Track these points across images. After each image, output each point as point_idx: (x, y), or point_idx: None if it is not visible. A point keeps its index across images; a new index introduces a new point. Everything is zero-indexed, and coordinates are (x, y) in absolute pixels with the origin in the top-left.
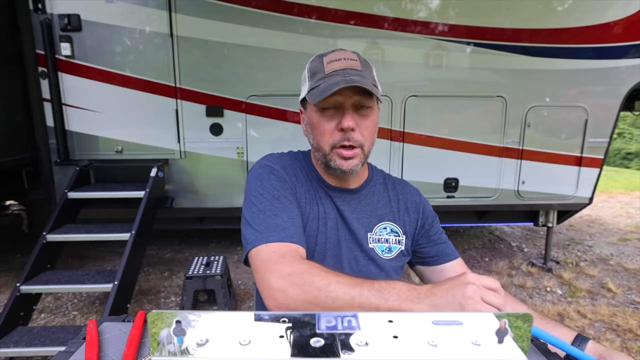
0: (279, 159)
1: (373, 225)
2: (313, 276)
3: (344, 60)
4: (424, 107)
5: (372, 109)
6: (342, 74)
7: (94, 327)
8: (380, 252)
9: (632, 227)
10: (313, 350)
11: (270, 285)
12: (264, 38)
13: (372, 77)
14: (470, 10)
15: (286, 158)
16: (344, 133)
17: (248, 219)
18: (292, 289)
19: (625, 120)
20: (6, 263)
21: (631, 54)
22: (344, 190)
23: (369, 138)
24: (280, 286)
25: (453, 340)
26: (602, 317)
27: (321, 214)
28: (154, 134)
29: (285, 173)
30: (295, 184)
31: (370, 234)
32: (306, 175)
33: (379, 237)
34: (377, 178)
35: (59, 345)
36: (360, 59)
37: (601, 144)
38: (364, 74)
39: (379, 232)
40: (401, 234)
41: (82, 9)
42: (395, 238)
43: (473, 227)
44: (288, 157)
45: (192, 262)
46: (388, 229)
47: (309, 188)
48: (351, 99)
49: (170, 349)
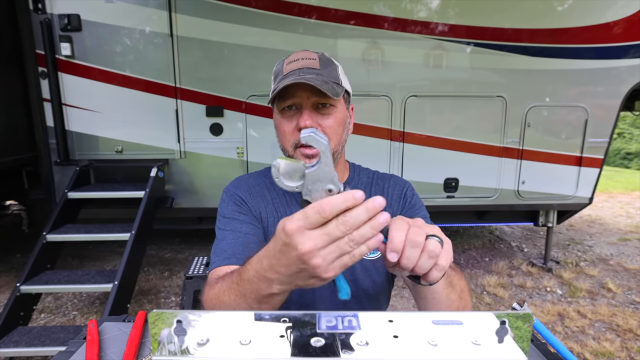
0: (245, 182)
1: None
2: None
3: (301, 60)
4: (424, 107)
5: (334, 107)
6: (297, 73)
7: (94, 327)
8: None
9: (632, 227)
10: (313, 350)
11: None
12: (264, 38)
13: (333, 75)
14: (470, 10)
15: (253, 178)
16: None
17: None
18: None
19: (625, 120)
20: (6, 263)
21: (631, 54)
22: None
23: (333, 136)
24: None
25: (453, 340)
26: (602, 317)
27: None
28: (154, 134)
29: (247, 195)
30: (259, 204)
31: None
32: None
33: None
34: (360, 177)
35: (59, 345)
36: (321, 58)
37: (601, 144)
38: (322, 72)
39: None
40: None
41: (82, 9)
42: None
43: (473, 227)
44: (256, 176)
45: (192, 262)
46: None
47: (281, 202)
48: (309, 99)
49: (170, 348)
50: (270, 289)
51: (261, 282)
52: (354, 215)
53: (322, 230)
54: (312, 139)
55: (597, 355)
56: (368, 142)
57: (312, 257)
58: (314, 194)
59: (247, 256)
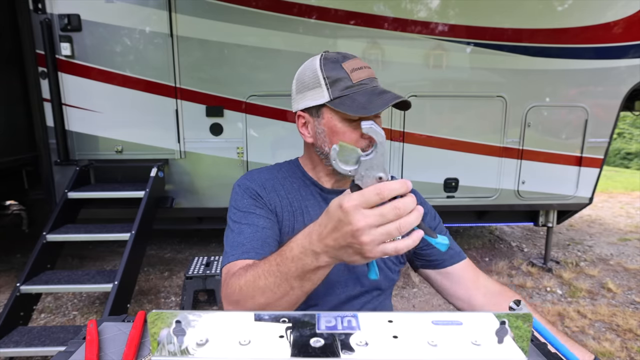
0: (258, 176)
1: None
2: (243, 288)
3: (365, 69)
4: (424, 107)
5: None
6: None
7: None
8: None
9: (632, 227)
10: (313, 350)
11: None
12: (264, 38)
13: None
14: (470, 10)
15: (266, 173)
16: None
17: (224, 238)
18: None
19: (625, 120)
20: (6, 263)
21: (631, 54)
22: (340, 191)
23: None
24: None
25: (453, 340)
26: (602, 317)
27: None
28: (154, 134)
29: (261, 189)
30: (274, 198)
31: None
32: (296, 184)
33: None
34: None
35: (59, 345)
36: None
37: (601, 144)
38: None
39: None
40: None
41: (82, 9)
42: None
43: (473, 227)
44: (268, 171)
45: (192, 262)
46: None
47: (296, 197)
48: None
49: (170, 349)
50: (317, 262)
51: (308, 257)
52: (406, 202)
53: (377, 210)
54: (373, 131)
55: (597, 355)
56: None
57: (363, 234)
58: (365, 179)
59: (266, 252)
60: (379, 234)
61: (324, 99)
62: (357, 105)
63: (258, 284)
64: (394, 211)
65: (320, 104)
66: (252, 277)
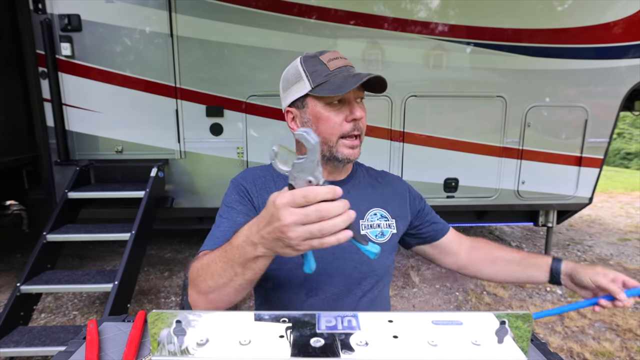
0: (251, 173)
1: (364, 212)
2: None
3: (341, 59)
4: (424, 107)
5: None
6: (347, 70)
7: (94, 327)
8: (373, 237)
9: (632, 227)
10: (313, 350)
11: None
12: (264, 38)
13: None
14: (470, 11)
15: (260, 171)
16: (354, 123)
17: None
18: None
19: (625, 120)
20: (6, 263)
21: (631, 54)
22: (333, 182)
23: (365, 128)
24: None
25: (453, 340)
26: (602, 317)
27: None
28: (154, 134)
29: (252, 186)
30: (264, 195)
31: (362, 220)
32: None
33: (371, 223)
34: (360, 169)
35: (59, 345)
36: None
37: (601, 144)
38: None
39: (371, 219)
40: (390, 218)
41: (82, 9)
42: (386, 222)
43: (473, 227)
44: (263, 169)
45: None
46: (378, 215)
47: None
48: (355, 93)
49: (170, 348)
50: (255, 252)
51: (248, 246)
52: (331, 206)
53: (302, 210)
54: (303, 137)
55: (597, 355)
56: (368, 142)
57: (289, 230)
58: (297, 181)
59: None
60: (303, 232)
61: (306, 89)
62: (335, 87)
63: (210, 267)
64: (316, 213)
65: (304, 95)
66: (206, 261)
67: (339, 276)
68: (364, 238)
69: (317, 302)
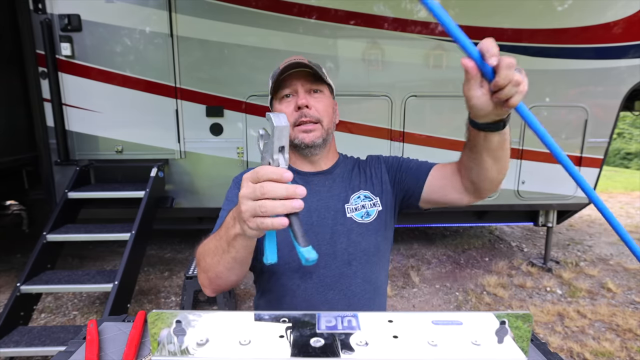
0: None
1: (349, 197)
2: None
3: (293, 59)
4: (424, 107)
5: (323, 92)
6: (294, 65)
7: (94, 327)
8: (359, 218)
9: (632, 227)
10: (313, 350)
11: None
12: (264, 38)
13: (320, 69)
14: (470, 11)
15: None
16: (301, 110)
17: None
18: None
19: (625, 120)
20: (6, 263)
21: (631, 54)
22: (318, 173)
23: (325, 115)
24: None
25: (453, 340)
26: (602, 317)
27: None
28: (154, 134)
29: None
30: None
31: (347, 204)
32: None
33: (356, 206)
34: (348, 161)
35: (59, 345)
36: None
37: (601, 144)
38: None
39: (355, 202)
40: (374, 197)
41: (82, 9)
42: (370, 202)
43: (473, 227)
44: None
45: (192, 262)
46: (362, 197)
47: None
48: (304, 86)
49: (170, 348)
50: (234, 229)
51: (231, 221)
52: (273, 187)
53: (253, 186)
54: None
55: (597, 355)
56: (368, 142)
57: (242, 202)
58: (263, 160)
59: None
60: (250, 206)
61: (269, 93)
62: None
63: (209, 245)
64: (259, 189)
65: (271, 98)
66: (208, 240)
67: (331, 258)
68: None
69: (312, 286)
